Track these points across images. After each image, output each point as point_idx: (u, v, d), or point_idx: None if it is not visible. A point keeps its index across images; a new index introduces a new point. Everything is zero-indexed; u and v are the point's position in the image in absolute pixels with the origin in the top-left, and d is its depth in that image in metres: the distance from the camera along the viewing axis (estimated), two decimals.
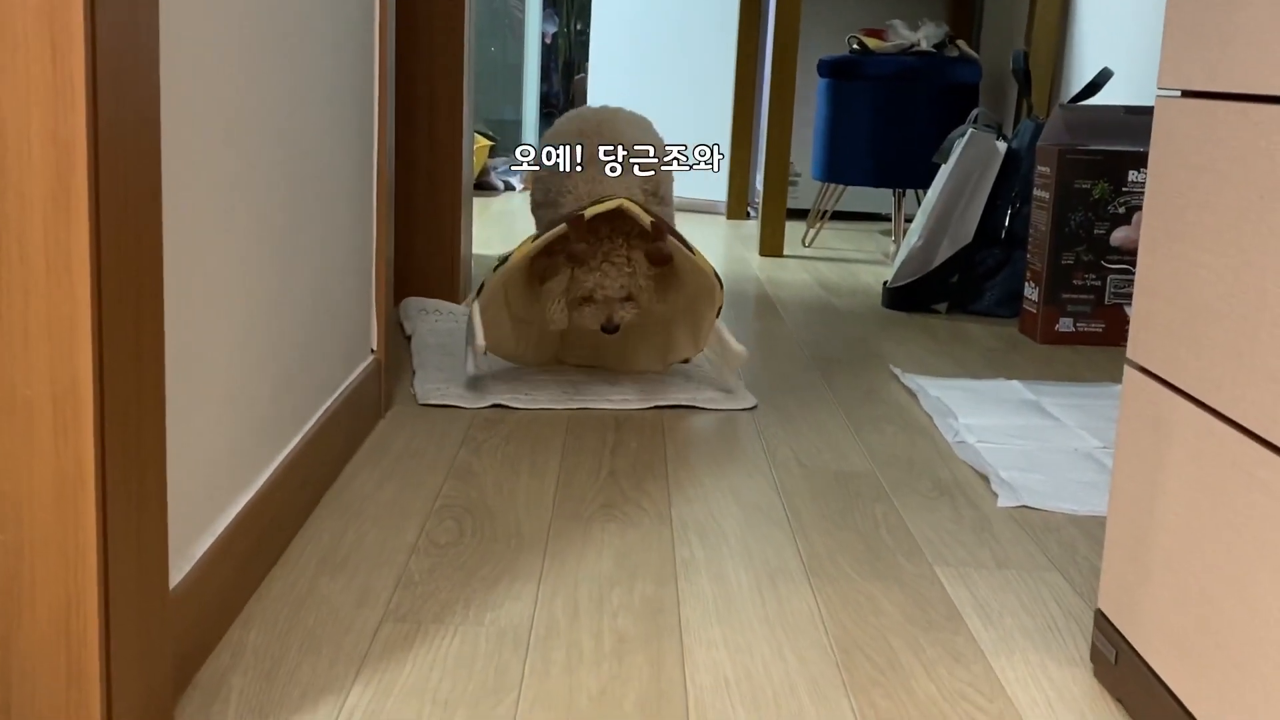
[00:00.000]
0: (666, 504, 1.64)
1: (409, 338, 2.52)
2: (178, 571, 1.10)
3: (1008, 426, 2.06)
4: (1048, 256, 2.76)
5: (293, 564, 1.39)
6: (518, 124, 6.12)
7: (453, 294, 2.84)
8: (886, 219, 4.99)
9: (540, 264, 2.19)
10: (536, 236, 2.14)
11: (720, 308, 2.17)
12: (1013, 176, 3.05)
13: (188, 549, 1.13)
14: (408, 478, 1.70)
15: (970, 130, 3.09)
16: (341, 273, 1.72)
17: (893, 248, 4.25)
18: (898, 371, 2.41)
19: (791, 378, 2.39)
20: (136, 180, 0.92)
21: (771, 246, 4.00)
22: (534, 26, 6.02)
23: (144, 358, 0.95)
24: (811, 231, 4.28)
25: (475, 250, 3.37)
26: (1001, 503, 1.70)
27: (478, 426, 1.95)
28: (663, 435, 1.96)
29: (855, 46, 3.97)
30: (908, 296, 3.10)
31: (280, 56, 1.38)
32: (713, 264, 2.17)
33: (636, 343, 2.30)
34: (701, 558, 1.47)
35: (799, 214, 4.58)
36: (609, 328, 2.18)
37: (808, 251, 4.15)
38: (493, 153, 5.69)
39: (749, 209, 5.04)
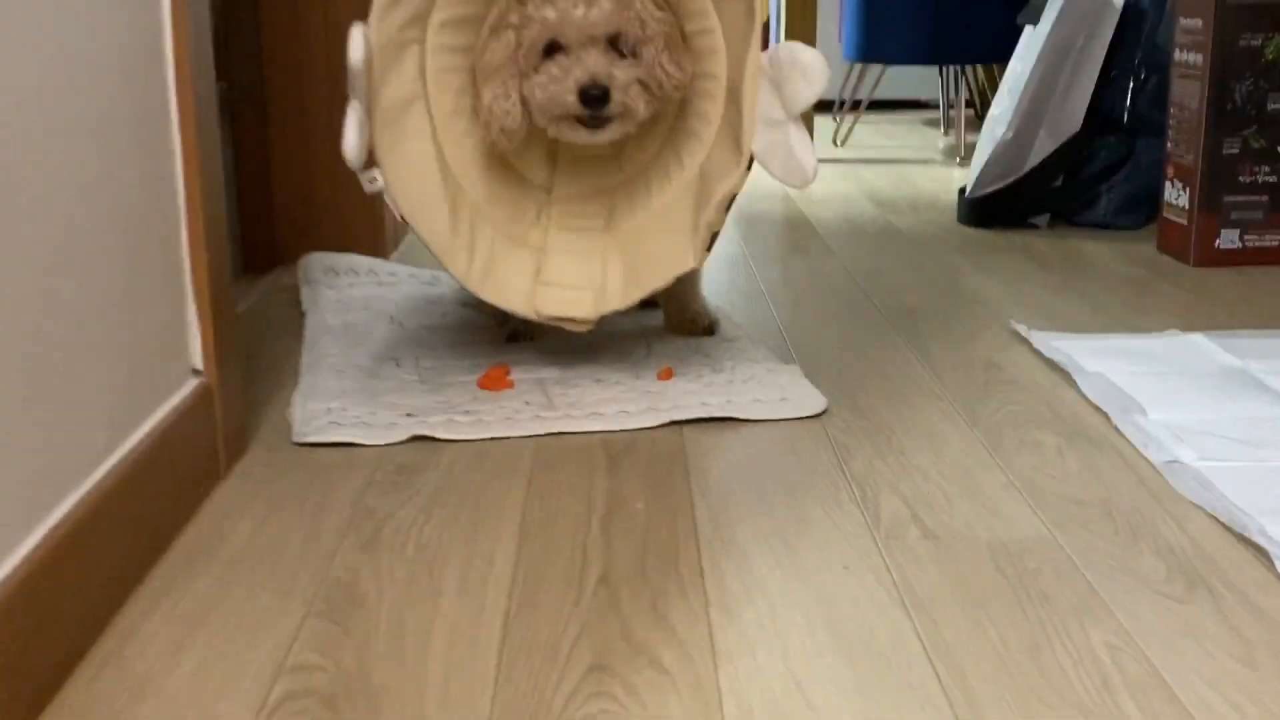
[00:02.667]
0: (708, 653, 0.88)
1: (305, 315, 1.75)
2: None
3: (1228, 422, 1.30)
4: (1202, 146, 1.97)
5: None
6: None
7: (376, 243, 2.05)
8: (931, 106, 4.17)
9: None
10: None
11: (767, 24, 1.35)
12: (1133, 38, 2.24)
13: None
14: (236, 622, 0.93)
15: None
16: (112, 249, 0.95)
17: (943, 141, 3.45)
18: (1023, 329, 1.64)
19: (865, 346, 1.61)
20: None
21: None
22: None
23: None
24: (845, 126, 3.47)
25: None
26: None
27: (384, 483, 1.19)
28: (686, 479, 1.19)
29: None
30: (995, 208, 2.31)
31: None
32: None
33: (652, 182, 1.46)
34: None
35: (823, 105, 3.76)
36: (592, 90, 1.35)
37: (842, 153, 3.34)
38: None
39: None
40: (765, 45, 1.36)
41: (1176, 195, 2.04)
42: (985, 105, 3.94)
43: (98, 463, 0.94)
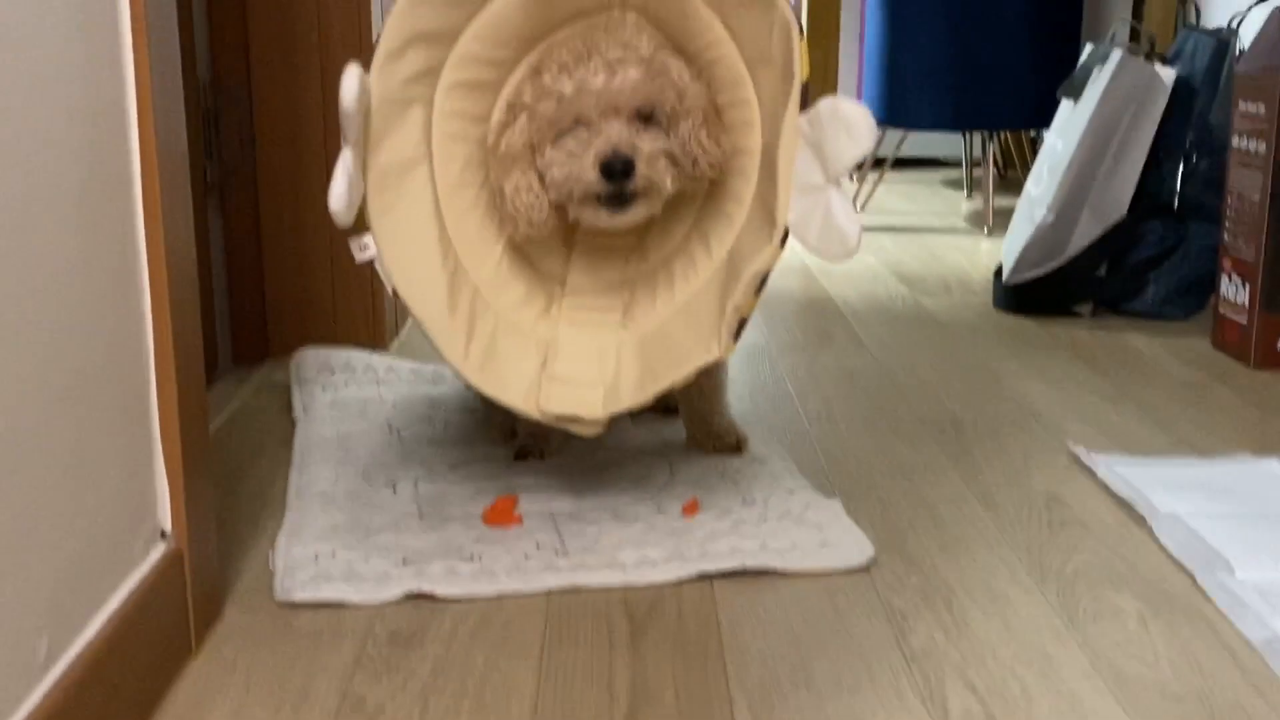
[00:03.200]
0: None
1: (296, 423, 1.60)
2: None
3: None
4: (1264, 241, 1.83)
5: None
6: None
7: (375, 331, 1.91)
8: (952, 164, 4.04)
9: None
10: None
11: (807, 85, 1.18)
12: (1183, 117, 2.10)
13: None
14: None
15: (1116, 52, 2.14)
16: (66, 397, 0.80)
17: (967, 206, 3.32)
18: (1083, 454, 1.49)
19: (910, 470, 1.47)
20: None
21: None
22: None
23: None
24: (865, 191, 3.33)
25: None
26: None
27: (375, 660, 1.04)
28: (720, 658, 1.04)
29: None
30: (1036, 295, 2.17)
31: None
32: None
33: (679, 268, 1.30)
34: None
35: None
36: (615, 164, 1.20)
37: (863, 218, 3.20)
38: None
39: None
40: (804, 106, 1.19)
41: (1235, 292, 1.90)
42: (1009, 166, 3.81)
43: (38, 679, 0.80)
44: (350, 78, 1.15)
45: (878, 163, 3.38)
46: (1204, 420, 1.64)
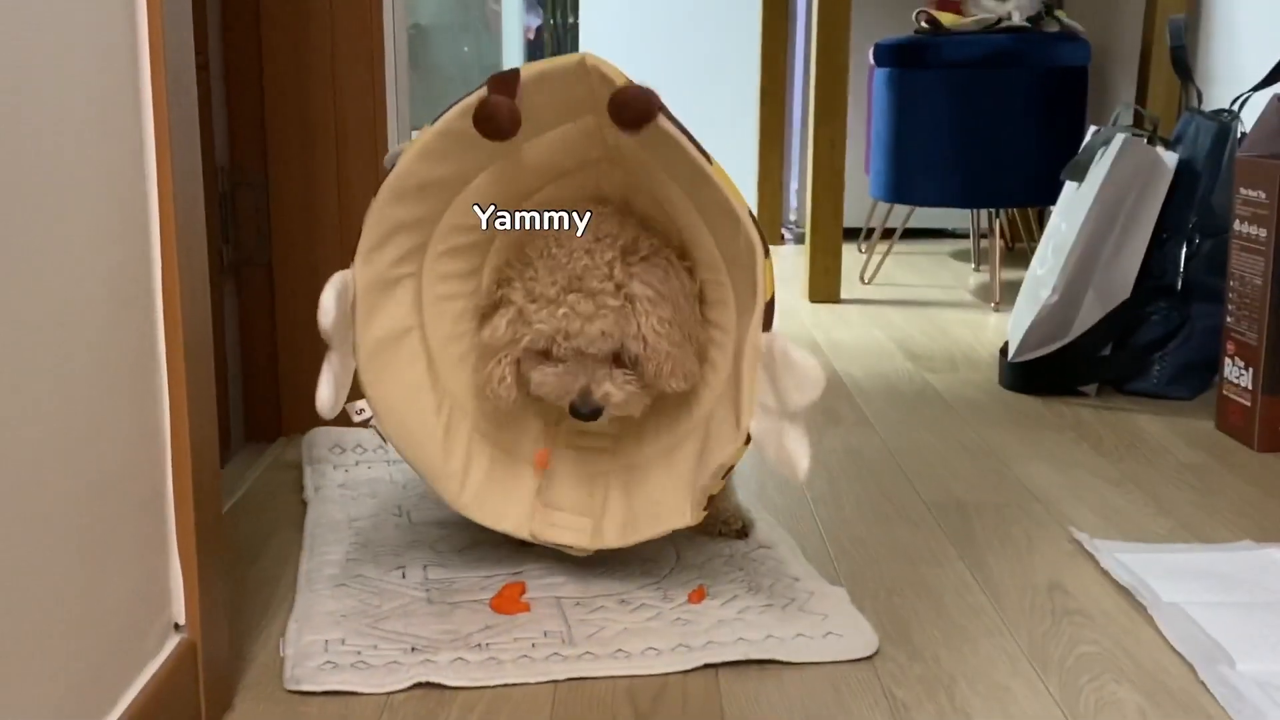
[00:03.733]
0: None
1: (307, 504, 1.62)
2: None
3: None
4: (1266, 324, 1.85)
5: None
6: None
7: None
8: (956, 236, 4.08)
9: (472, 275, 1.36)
10: (436, 119, 1.26)
11: (772, 302, 1.22)
12: (1185, 200, 2.13)
13: None
14: None
15: (1120, 135, 2.17)
16: (87, 506, 0.83)
17: (974, 278, 3.35)
18: (1086, 540, 1.50)
19: (915, 557, 1.48)
20: None
21: (825, 289, 3.09)
22: (514, 20, 5.11)
23: None
24: (873, 263, 3.36)
25: None
26: None
27: None
28: None
29: (924, 25, 3.05)
30: (1041, 375, 2.19)
31: None
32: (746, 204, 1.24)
33: (648, 448, 1.38)
34: None
35: (849, 234, 3.65)
36: (583, 409, 1.28)
37: (869, 291, 3.24)
38: None
39: (783, 231, 4.13)
40: (769, 324, 1.23)
41: (1238, 375, 1.91)
42: (1016, 239, 3.84)
43: None
44: (328, 294, 1.23)
45: (886, 234, 3.42)
46: (1207, 504, 1.65)
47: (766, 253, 1.23)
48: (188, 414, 1.01)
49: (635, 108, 1.19)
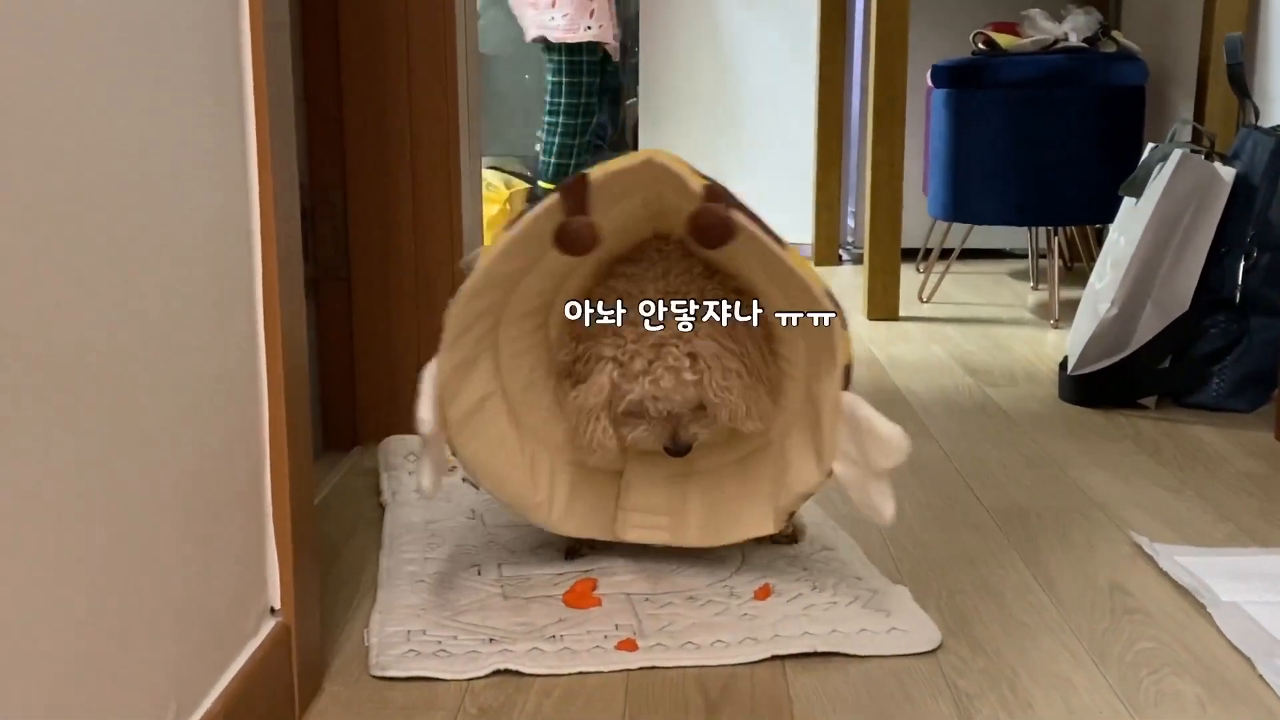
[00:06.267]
0: None
1: (384, 508, 1.68)
2: None
3: None
4: None
5: None
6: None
7: None
8: (1014, 256, 4.10)
9: (561, 344, 1.41)
10: (510, 224, 1.30)
11: (850, 366, 1.31)
12: (1243, 214, 2.15)
13: None
14: None
15: (1177, 150, 2.20)
16: (194, 494, 0.89)
17: (1033, 297, 3.37)
18: (1146, 544, 1.53)
19: (976, 559, 1.51)
20: None
21: (884, 306, 3.12)
22: None
23: None
24: (931, 282, 3.39)
25: None
26: None
27: None
28: None
29: (981, 46, 3.09)
30: (1100, 388, 2.21)
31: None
32: (824, 281, 1.31)
33: (730, 478, 1.45)
34: None
35: (907, 254, 3.68)
36: (676, 448, 1.37)
37: (927, 309, 3.26)
38: (530, 197, 4.87)
39: (840, 252, 4.17)
40: (847, 384, 1.31)
41: None
42: (1074, 258, 3.86)
43: None
44: (424, 407, 1.30)
45: (944, 254, 3.44)
46: (1266, 511, 1.67)
47: (844, 324, 1.30)
48: (284, 408, 1.07)
49: (715, 232, 1.26)
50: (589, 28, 4.29)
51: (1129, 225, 2.26)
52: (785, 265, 1.29)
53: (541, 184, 4.52)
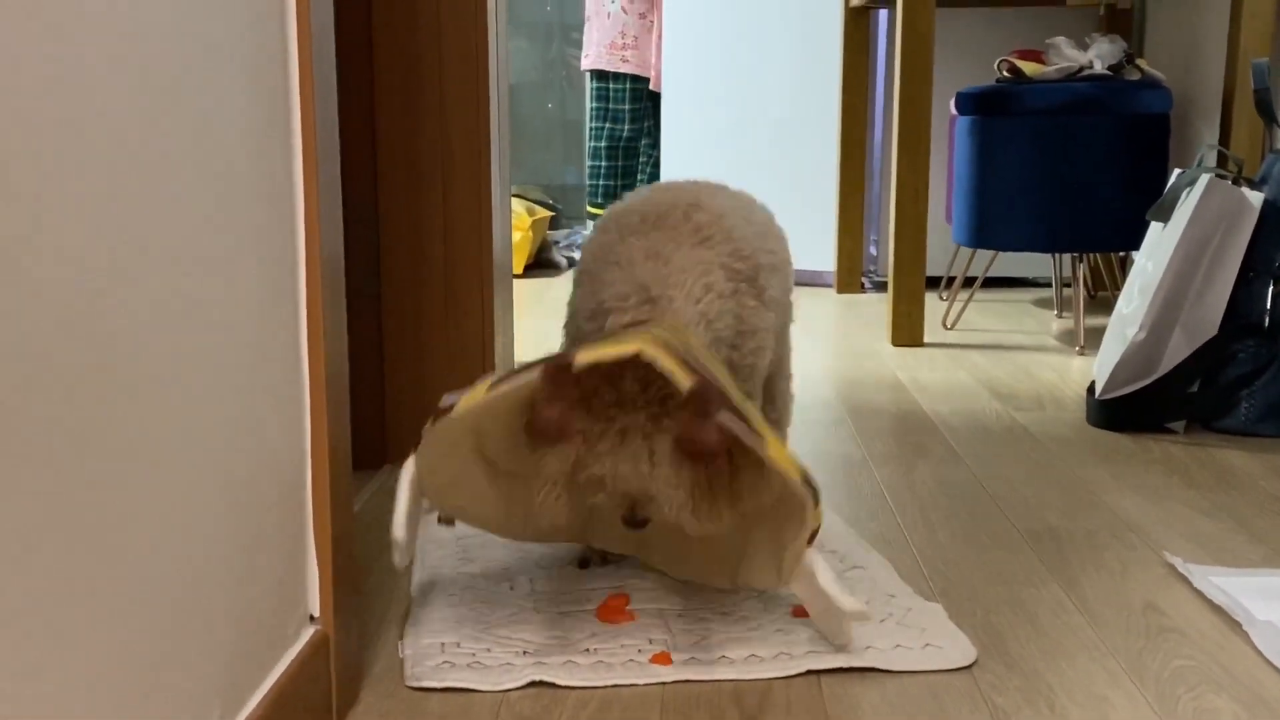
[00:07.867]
0: None
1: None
2: None
3: None
4: None
5: None
6: (581, 189, 5.32)
7: None
8: (1038, 285, 4.10)
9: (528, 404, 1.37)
10: (499, 381, 1.28)
11: (816, 531, 1.26)
12: (1272, 238, 2.15)
13: None
14: None
15: (1205, 175, 2.20)
16: (239, 502, 0.90)
17: (1057, 324, 3.36)
18: (1180, 564, 1.52)
19: (1010, 578, 1.51)
20: None
21: (908, 333, 3.12)
22: None
23: None
24: (955, 309, 3.39)
25: (523, 353, 2.53)
26: None
27: None
28: None
29: (1006, 74, 3.10)
30: (1128, 412, 2.21)
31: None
32: (801, 464, 1.23)
33: (690, 540, 1.41)
34: None
35: (930, 282, 3.67)
36: (632, 521, 1.30)
37: (951, 336, 3.26)
38: (554, 224, 4.90)
39: (863, 280, 4.17)
40: (811, 541, 1.26)
41: None
42: (1099, 287, 3.85)
43: None
44: (399, 521, 1.28)
45: (968, 282, 3.44)
46: None
47: (816, 502, 1.24)
48: (326, 418, 1.08)
49: (702, 451, 1.22)
50: (625, 60, 4.65)
51: (1156, 250, 2.26)
52: (765, 456, 1.22)
53: (589, 208, 4.71)
